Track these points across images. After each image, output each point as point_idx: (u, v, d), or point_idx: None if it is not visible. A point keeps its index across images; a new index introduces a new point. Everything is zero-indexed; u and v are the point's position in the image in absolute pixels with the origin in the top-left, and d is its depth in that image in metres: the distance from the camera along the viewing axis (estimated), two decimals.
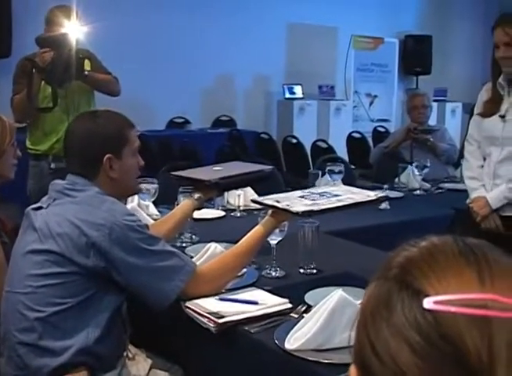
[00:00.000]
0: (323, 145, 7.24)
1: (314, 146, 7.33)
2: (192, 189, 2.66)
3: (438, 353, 0.64)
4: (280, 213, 2.20)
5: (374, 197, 2.33)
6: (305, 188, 2.52)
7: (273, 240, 2.40)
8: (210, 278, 2.12)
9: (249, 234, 2.20)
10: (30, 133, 4.17)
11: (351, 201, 2.26)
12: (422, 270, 0.69)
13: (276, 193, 2.39)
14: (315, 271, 2.47)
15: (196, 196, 2.60)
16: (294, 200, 2.24)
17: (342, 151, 7.43)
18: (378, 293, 0.71)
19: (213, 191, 2.69)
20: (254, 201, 2.42)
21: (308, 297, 2.13)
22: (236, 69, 8.79)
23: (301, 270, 2.47)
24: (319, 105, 9.12)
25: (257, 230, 2.20)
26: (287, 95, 9.05)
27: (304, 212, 2.14)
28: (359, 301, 1.87)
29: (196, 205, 2.63)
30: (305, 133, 8.09)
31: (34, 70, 3.86)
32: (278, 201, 2.23)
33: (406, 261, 0.71)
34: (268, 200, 2.27)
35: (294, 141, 7.42)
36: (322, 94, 9.29)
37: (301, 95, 9.09)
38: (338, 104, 9.29)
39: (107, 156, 2.14)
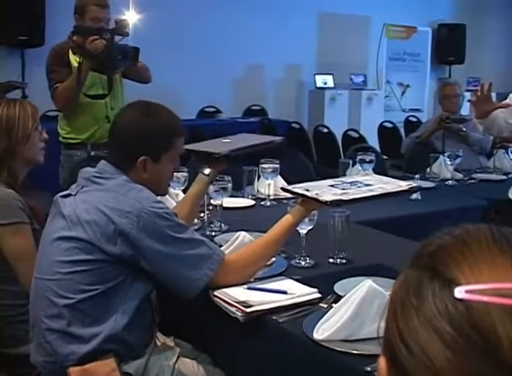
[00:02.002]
0: (354, 134, 7.19)
1: (345, 135, 7.29)
2: (202, 165, 2.61)
3: (469, 345, 0.61)
4: (310, 202, 2.17)
5: (406, 188, 2.28)
6: (336, 177, 2.48)
7: (303, 230, 2.37)
8: (238, 267, 2.09)
9: (278, 223, 2.17)
10: (70, 122, 4.09)
11: (381, 191, 2.22)
12: (454, 258, 0.66)
13: (307, 182, 2.36)
14: (344, 261, 2.44)
15: (207, 171, 2.57)
16: (324, 189, 2.21)
17: (373, 141, 7.37)
18: (409, 281, 0.69)
19: (223, 164, 2.63)
20: (283, 190, 2.39)
21: (338, 287, 2.10)
22: (267, 58, 8.75)
23: (331, 260, 2.44)
24: (351, 95, 9.06)
25: (286, 219, 2.17)
26: (319, 85, 9.00)
27: (332, 202, 2.11)
28: (389, 292, 1.84)
29: (209, 180, 2.59)
30: (336, 123, 8.04)
31: (80, 58, 3.82)
32: (308, 190, 2.20)
33: (438, 249, 0.69)
34: (298, 188, 2.24)
35: (325, 130, 7.38)
36: (353, 84, 9.23)
37: (332, 85, 9.03)
38: (370, 94, 9.22)
39: (143, 158, 2.11)
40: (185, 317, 2.32)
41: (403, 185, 2.30)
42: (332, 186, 2.27)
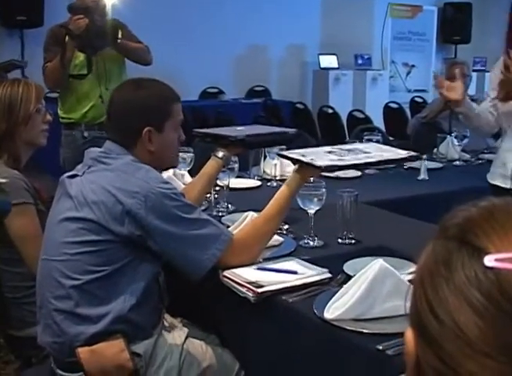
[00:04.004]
0: (360, 115, 7.20)
1: (350, 116, 7.29)
2: (215, 148, 2.63)
3: (499, 312, 0.63)
4: (305, 168, 2.15)
5: (405, 155, 2.27)
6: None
7: (311, 210, 2.38)
8: (245, 246, 2.10)
9: (275, 196, 2.17)
10: (63, 101, 4.21)
11: (379, 158, 2.22)
12: (483, 228, 0.67)
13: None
14: (353, 241, 2.44)
15: (221, 154, 2.58)
16: (320, 155, 2.20)
17: (379, 122, 7.37)
18: (437, 252, 0.70)
19: (238, 148, 2.65)
20: (279, 155, 2.40)
21: (347, 267, 2.11)
22: (269, 38, 8.73)
23: (340, 240, 2.45)
24: (355, 75, 9.05)
25: (282, 191, 2.17)
26: (323, 65, 8.98)
27: (327, 167, 2.09)
28: (402, 272, 1.85)
29: (222, 164, 2.60)
30: (341, 103, 8.04)
31: (67, 37, 3.88)
32: (304, 156, 2.18)
33: (466, 220, 0.70)
34: (294, 154, 2.23)
35: (330, 111, 7.38)
36: (358, 64, 9.21)
37: (336, 66, 9.02)
38: (374, 74, 9.21)
39: (147, 128, 2.12)
40: (193, 298, 2.33)
41: (402, 153, 2.30)
42: (329, 152, 2.26)
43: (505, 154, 3.27)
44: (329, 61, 9.00)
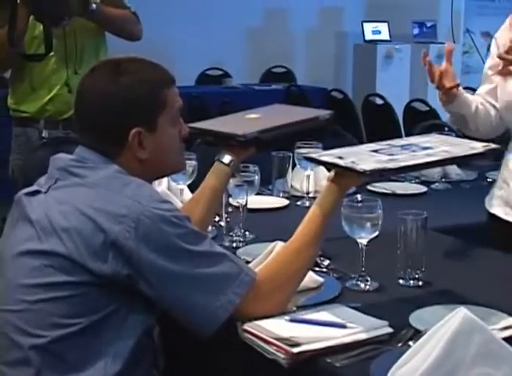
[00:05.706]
0: (422, 107, 7.19)
1: (408, 108, 7.29)
2: (220, 150, 2.63)
3: None
4: (344, 175, 2.16)
5: (481, 150, 2.26)
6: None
7: (362, 239, 2.39)
8: (273, 288, 2.11)
9: (303, 220, 2.19)
10: (13, 88, 4.18)
11: (444, 156, 2.22)
12: None
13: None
14: (421, 283, 2.46)
15: (228, 159, 2.59)
16: (364, 156, 2.20)
17: None
18: None
19: (250, 149, 2.65)
20: (307, 158, 2.42)
21: (415, 318, 2.12)
22: (293, 0, 8.78)
23: (402, 281, 2.47)
24: (414, 50, 9.06)
25: (313, 212, 2.18)
26: (368, 37, 9.01)
27: (373, 171, 2.09)
28: (491, 327, 1.85)
29: (229, 173, 2.61)
30: (395, 91, 8.06)
31: (18, 1, 3.88)
32: (341, 158, 2.17)
33: None
34: (327, 156, 2.23)
35: (379, 101, 7.39)
36: (417, 35, 9.22)
37: (387, 37, 9.04)
38: (441, 49, 9.20)
39: (135, 130, 2.13)
40: (200, 361, 2.35)
41: (478, 146, 2.29)
42: (375, 151, 2.27)
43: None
44: (377, 31, 9.03)
